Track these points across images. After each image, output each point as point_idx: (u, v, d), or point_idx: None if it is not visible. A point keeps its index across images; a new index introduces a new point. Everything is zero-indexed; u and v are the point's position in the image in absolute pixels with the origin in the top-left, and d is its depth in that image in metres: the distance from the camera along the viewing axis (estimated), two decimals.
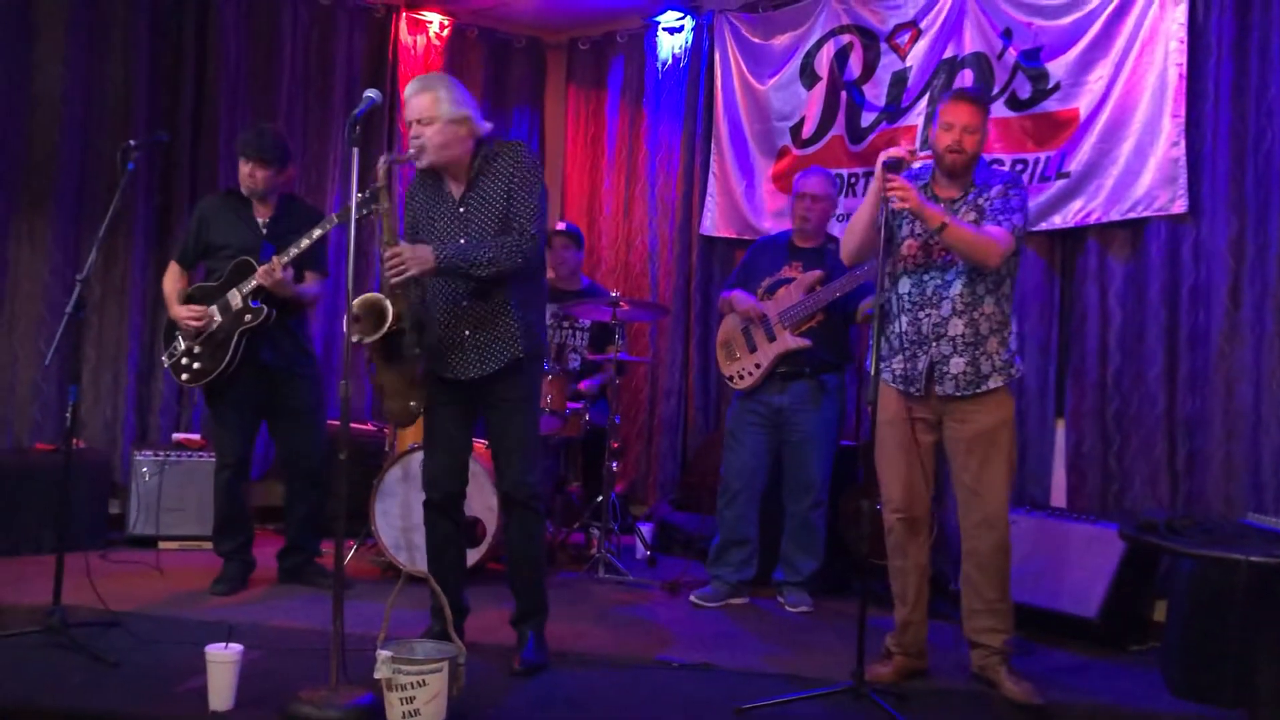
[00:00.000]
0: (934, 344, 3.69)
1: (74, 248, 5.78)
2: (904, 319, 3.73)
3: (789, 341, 4.76)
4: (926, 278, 3.71)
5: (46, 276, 5.76)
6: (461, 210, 3.69)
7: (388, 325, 3.51)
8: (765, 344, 4.82)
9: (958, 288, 3.67)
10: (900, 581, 3.82)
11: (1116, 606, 4.24)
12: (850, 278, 4.60)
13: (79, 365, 5.74)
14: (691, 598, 4.83)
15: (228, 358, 4.49)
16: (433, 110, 3.59)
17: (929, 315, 3.70)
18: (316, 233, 4.45)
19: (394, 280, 3.51)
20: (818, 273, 4.76)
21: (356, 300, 3.53)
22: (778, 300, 4.83)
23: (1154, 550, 3.90)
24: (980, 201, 3.70)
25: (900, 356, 3.74)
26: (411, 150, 3.64)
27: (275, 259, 4.44)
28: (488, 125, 3.72)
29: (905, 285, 3.76)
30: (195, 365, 4.54)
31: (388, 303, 3.52)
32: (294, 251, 4.46)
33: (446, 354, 3.69)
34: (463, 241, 3.64)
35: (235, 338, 4.49)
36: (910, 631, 3.81)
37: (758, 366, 4.82)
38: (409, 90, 3.65)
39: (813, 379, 4.78)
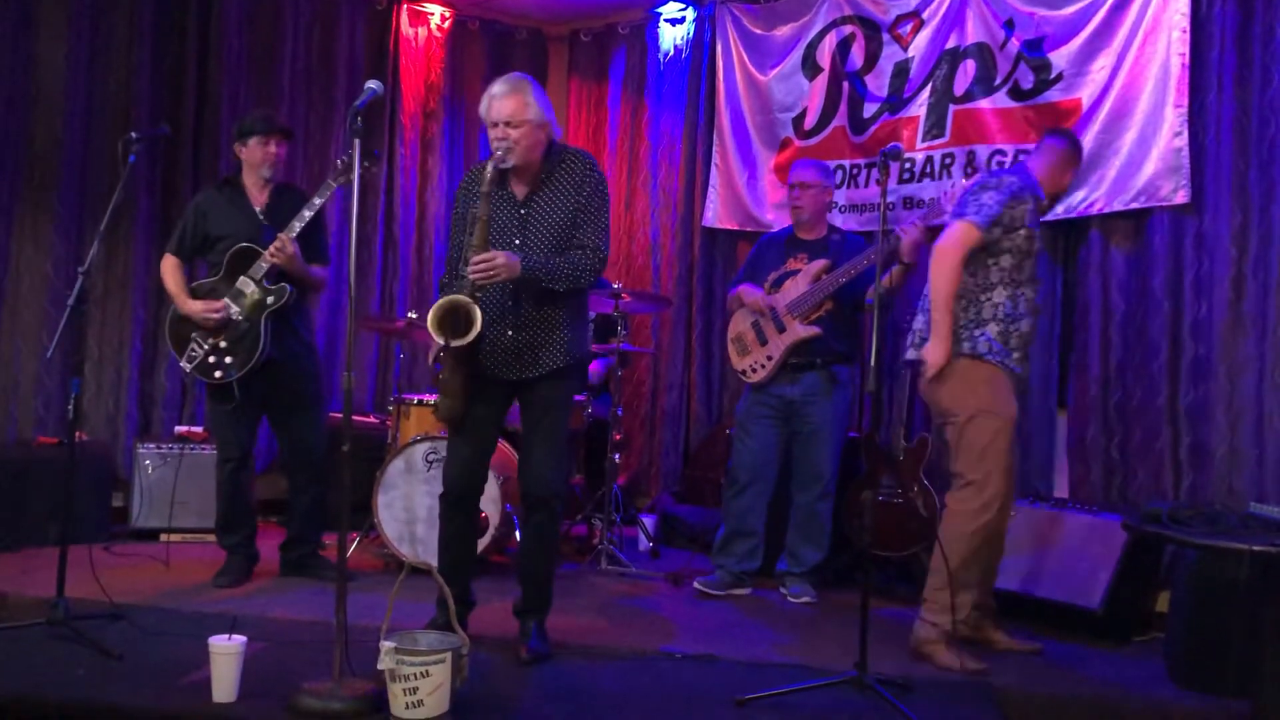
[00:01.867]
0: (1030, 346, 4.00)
1: (76, 240, 5.79)
2: (1031, 323, 3.92)
3: (799, 331, 4.75)
4: (1039, 287, 3.98)
5: (49, 269, 5.77)
6: (523, 211, 3.70)
7: (476, 329, 3.50)
8: (775, 336, 4.82)
9: None
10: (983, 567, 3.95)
11: (1120, 597, 4.23)
12: (854, 263, 4.63)
13: (81, 358, 5.80)
14: (695, 584, 4.84)
15: (261, 344, 4.49)
16: (522, 114, 3.61)
17: (1036, 321, 3.99)
18: (318, 201, 4.48)
19: (480, 282, 3.51)
20: (823, 262, 4.76)
21: (442, 303, 3.54)
22: (785, 292, 4.83)
23: (1157, 541, 3.91)
24: None
25: (1018, 355, 3.89)
26: (498, 153, 3.62)
27: (283, 235, 4.44)
28: (559, 130, 3.78)
29: (1030, 290, 3.92)
30: (228, 360, 4.51)
31: (477, 309, 3.51)
32: (298, 226, 4.46)
33: (489, 353, 3.69)
34: (517, 241, 3.65)
35: (263, 323, 4.50)
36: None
37: (769, 359, 4.82)
38: (497, 90, 3.66)
39: (824, 370, 4.78)
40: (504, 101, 3.63)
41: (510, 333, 3.68)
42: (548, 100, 3.73)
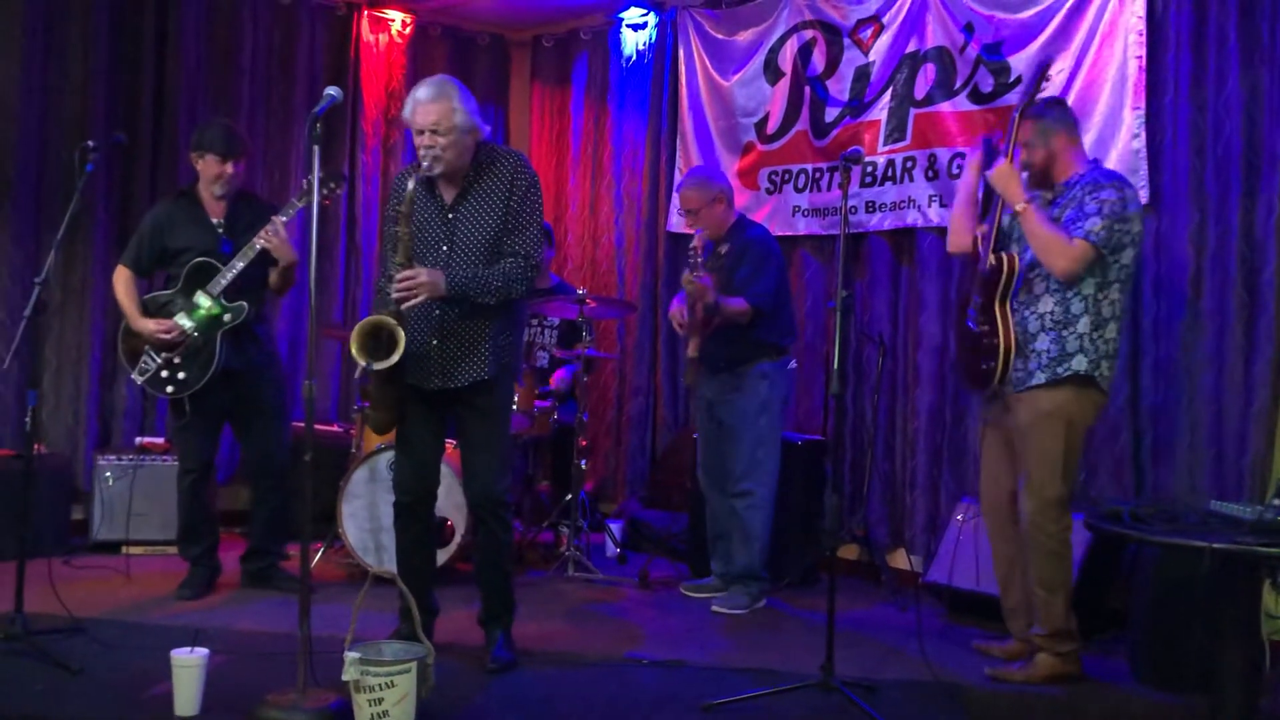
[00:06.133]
0: None
1: (33, 250, 5.70)
2: None
3: (690, 351, 4.82)
4: None
5: (5, 280, 5.68)
6: (450, 216, 3.63)
7: (399, 352, 3.44)
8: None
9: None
10: None
11: (1082, 596, 4.24)
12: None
13: (39, 369, 5.71)
14: (681, 588, 4.92)
15: (215, 361, 4.45)
16: (448, 120, 3.50)
17: None
18: (282, 219, 4.42)
19: (404, 304, 3.45)
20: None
21: (365, 324, 3.48)
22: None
23: (1119, 539, 3.93)
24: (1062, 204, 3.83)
25: None
26: (425, 162, 3.53)
27: (276, 219, 4.40)
28: (487, 128, 3.68)
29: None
30: (180, 375, 4.47)
31: (400, 330, 3.45)
32: (285, 218, 4.40)
33: (414, 361, 3.63)
34: (445, 249, 3.60)
35: (218, 339, 4.45)
36: None
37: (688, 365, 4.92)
38: (421, 95, 3.54)
39: (729, 371, 4.79)
40: (429, 107, 3.51)
41: (435, 341, 3.63)
42: (475, 102, 3.62)
